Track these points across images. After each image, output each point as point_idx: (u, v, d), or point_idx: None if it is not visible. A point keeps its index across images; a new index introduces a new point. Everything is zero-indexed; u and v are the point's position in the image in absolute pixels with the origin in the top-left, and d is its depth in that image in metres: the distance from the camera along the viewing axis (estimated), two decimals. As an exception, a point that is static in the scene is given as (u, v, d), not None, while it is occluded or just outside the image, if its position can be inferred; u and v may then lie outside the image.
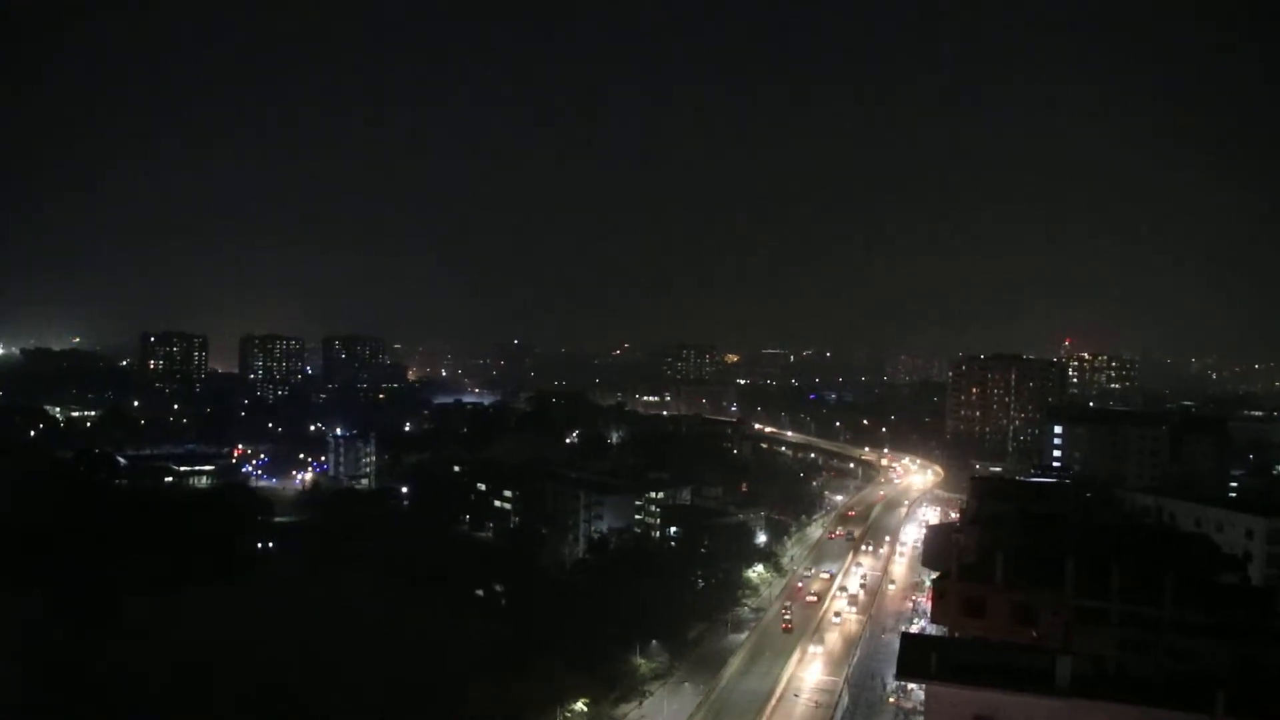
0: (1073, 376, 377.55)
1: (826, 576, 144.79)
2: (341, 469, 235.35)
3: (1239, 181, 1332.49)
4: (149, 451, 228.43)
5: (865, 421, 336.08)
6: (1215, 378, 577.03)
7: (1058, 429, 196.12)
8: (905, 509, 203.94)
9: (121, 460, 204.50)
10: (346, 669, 77.58)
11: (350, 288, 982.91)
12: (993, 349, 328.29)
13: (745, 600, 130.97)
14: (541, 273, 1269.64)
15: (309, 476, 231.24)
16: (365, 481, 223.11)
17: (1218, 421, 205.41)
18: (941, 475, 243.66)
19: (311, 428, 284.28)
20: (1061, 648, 46.37)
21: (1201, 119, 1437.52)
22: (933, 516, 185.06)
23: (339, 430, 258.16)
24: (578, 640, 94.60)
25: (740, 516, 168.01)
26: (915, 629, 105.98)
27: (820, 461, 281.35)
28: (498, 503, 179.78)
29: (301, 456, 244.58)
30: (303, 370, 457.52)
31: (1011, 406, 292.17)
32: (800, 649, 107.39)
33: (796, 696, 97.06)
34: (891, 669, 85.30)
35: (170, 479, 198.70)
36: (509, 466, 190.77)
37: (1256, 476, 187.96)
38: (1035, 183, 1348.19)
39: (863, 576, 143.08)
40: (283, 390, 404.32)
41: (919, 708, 77.12)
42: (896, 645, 59.89)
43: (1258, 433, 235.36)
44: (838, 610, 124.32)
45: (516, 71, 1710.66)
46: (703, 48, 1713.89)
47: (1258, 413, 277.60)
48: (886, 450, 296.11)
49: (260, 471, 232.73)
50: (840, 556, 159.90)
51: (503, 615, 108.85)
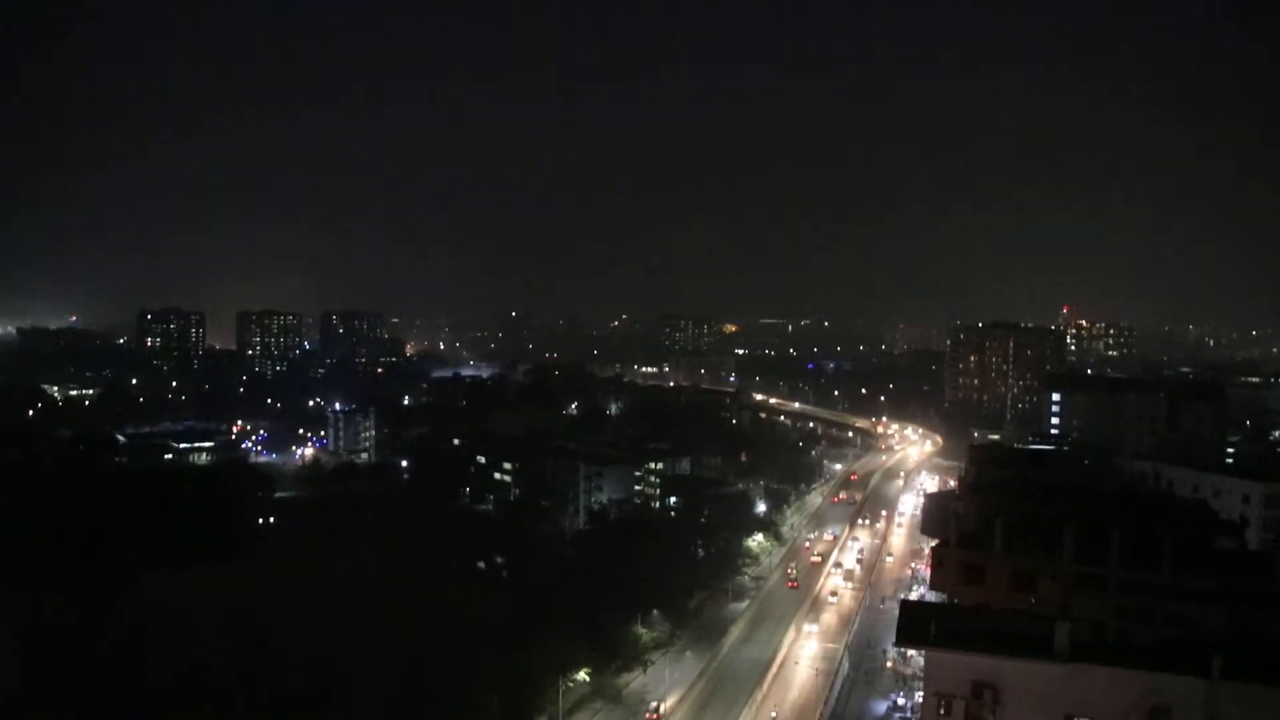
0: (1071, 344, 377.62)
1: (830, 538, 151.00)
2: (341, 444, 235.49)
3: (1236, 149, 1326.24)
4: (148, 429, 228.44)
5: (864, 390, 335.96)
6: (1213, 344, 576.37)
7: (1056, 396, 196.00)
8: (904, 478, 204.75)
9: (120, 438, 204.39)
10: (349, 643, 77.92)
11: (347, 263, 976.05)
12: (991, 317, 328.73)
13: (745, 569, 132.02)
14: (539, 245, 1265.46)
15: (309, 452, 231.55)
16: (365, 456, 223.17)
17: (1215, 388, 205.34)
18: (940, 443, 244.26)
19: (310, 403, 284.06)
20: (1060, 614, 46.57)
21: (1198, 88, 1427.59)
22: (931, 485, 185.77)
23: (338, 405, 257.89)
24: (579, 611, 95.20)
25: (740, 486, 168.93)
26: (914, 596, 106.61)
27: (819, 431, 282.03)
28: (497, 475, 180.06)
29: (301, 432, 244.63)
30: (301, 345, 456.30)
31: (1010, 374, 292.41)
32: (797, 624, 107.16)
33: (797, 664, 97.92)
34: (890, 638, 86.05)
35: (170, 456, 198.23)
36: (508, 439, 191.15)
37: (1254, 442, 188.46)
38: (1034, 152, 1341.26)
39: (860, 551, 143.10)
40: (281, 366, 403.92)
41: (919, 674, 77.68)
42: (895, 614, 60.15)
43: (1255, 399, 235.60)
44: (834, 589, 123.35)
45: (513, 45, 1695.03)
46: (701, 19, 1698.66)
47: (1255, 379, 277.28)
48: (885, 419, 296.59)
49: (260, 447, 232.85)
50: (841, 521, 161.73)
51: (504, 587, 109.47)
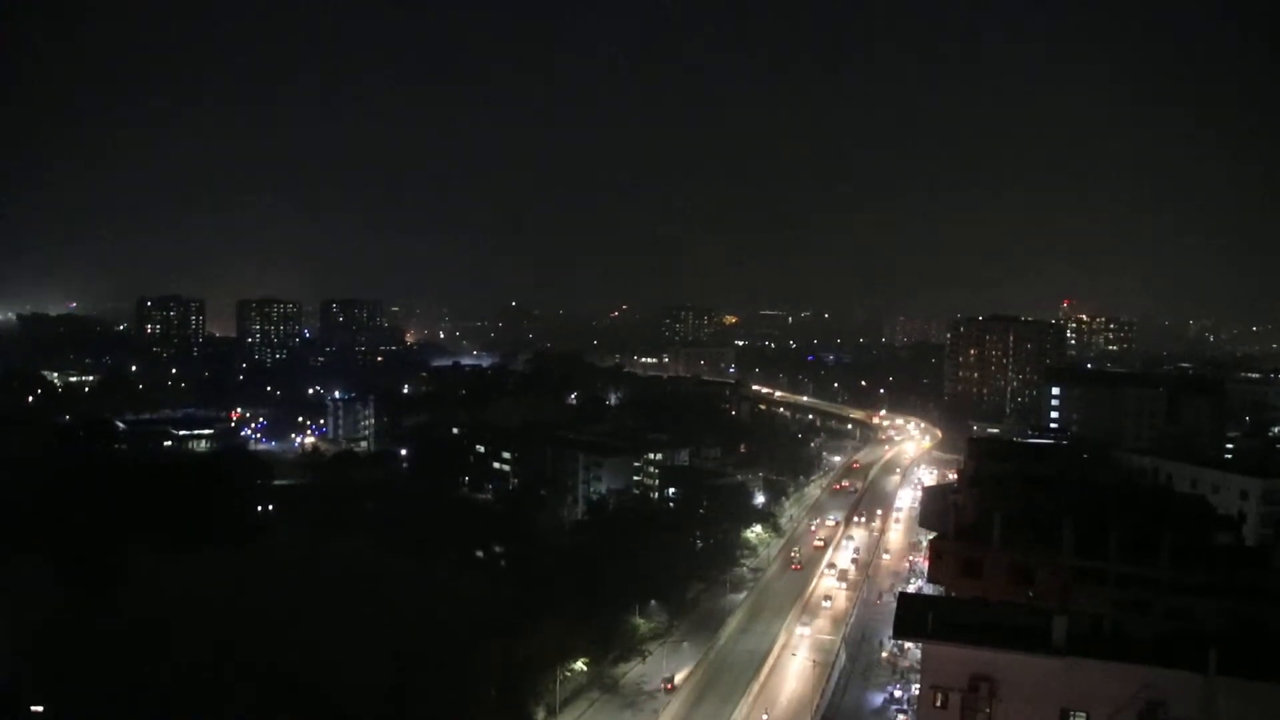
0: (1071, 338, 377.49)
1: (833, 523, 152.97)
2: (340, 432, 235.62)
3: (1238, 144, 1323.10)
4: (148, 416, 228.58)
5: (863, 383, 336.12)
6: (1213, 340, 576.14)
7: (1055, 390, 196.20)
8: (902, 471, 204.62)
9: (120, 425, 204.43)
10: (348, 631, 77.99)
11: (347, 251, 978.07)
12: (991, 310, 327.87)
13: (744, 561, 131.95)
14: (539, 235, 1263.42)
15: (308, 440, 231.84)
16: (364, 444, 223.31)
17: (1215, 383, 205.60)
18: (939, 436, 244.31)
19: (310, 391, 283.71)
20: (1058, 607, 46.63)
21: (1199, 82, 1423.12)
22: (930, 479, 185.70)
23: (337, 393, 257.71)
24: (577, 601, 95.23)
25: (739, 477, 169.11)
26: (912, 589, 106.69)
27: (818, 423, 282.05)
28: (497, 464, 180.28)
29: (300, 419, 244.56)
30: (300, 333, 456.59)
31: (1009, 368, 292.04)
32: (790, 626, 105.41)
33: (795, 656, 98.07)
34: (887, 632, 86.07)
35: (169, 444, 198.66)
36: (508, 429, 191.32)
37: (1253, 438, 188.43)
38: (1035, 146, 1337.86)
39: (855, 551, 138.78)
40: (280, 353, 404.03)
41: (916, 666, 77.84)
42: (891, 610, 60.15)
43: (1255, 394, 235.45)
44: (827, 593, 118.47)
45: (513, 34, 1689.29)
46: (698, 6, 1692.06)
47: (1255, 374, 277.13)
48: (884, 411, 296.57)
49: (259, 435, 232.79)
50: (841, 510, 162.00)
51: (502, 577, 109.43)
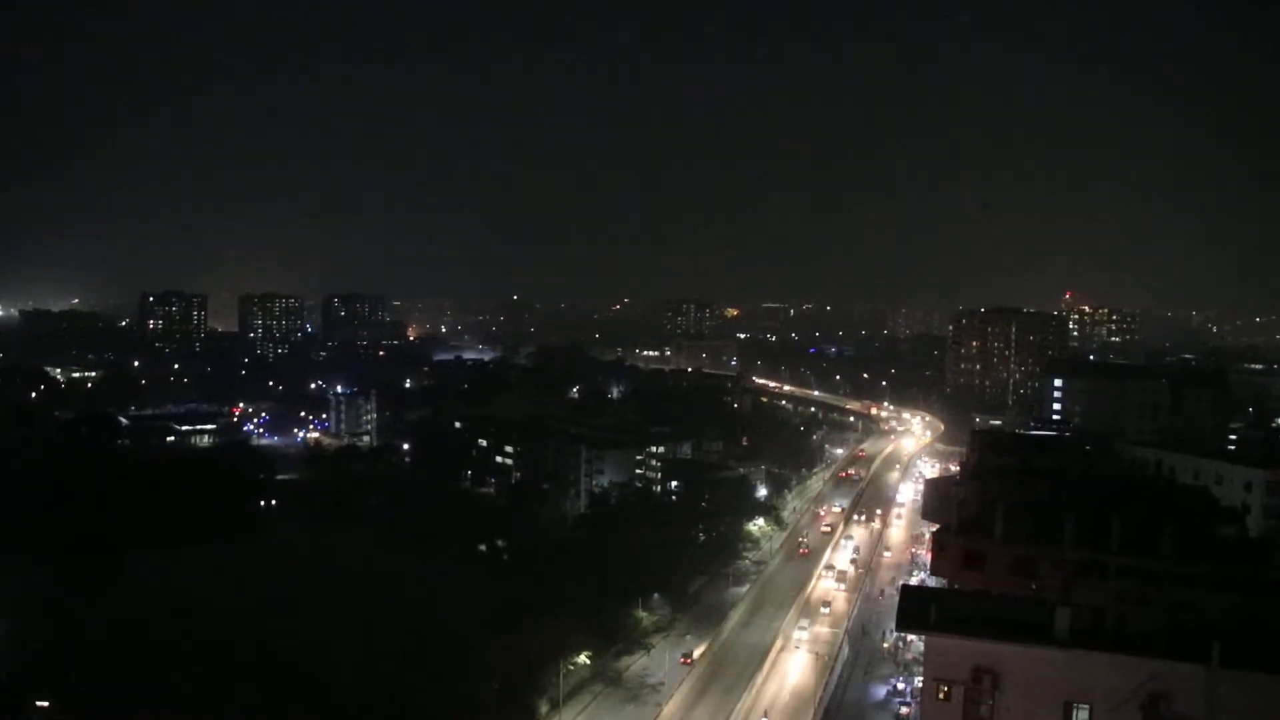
0: (1073, 330, 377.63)
1: (839, 510, 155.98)
2: (343, 426, 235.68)
3: (1240, 135, 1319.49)
4: (150, 411, 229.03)
5: (865, 375, 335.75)
6: (1216, 331, 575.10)
7: (1058, 382, 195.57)
8: (902, 466, 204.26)
9: (123, 420, 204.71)
10: (350, 625, 78.10)
11: (349, 246, 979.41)
12: (993, 303, 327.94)
13: (746, 553, 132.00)
14: (541, 229, 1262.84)
15: (311, 434, 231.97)
16: (366, 439, 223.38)
17: (1218, 374, 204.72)
18: (941, 428, 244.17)
19: (312, 386, 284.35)
20: (1060, 599, 46.54)
21: (1203, 77, 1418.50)
22: (931, 472, 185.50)
23: (340, 388, 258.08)
24: (580, 594, 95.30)
25: (741, 470, 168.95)
26: (915, 581, 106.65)
27: (820, 415, 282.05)
28: (499, 458, 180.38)
29: (303, 414, 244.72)
30: (302, 328, 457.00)
31: (1012, 360, 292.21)
32: (788, 629, 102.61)
33: (797, 648, 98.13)
34: (889, 625, 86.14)
35: (172, 438, 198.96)
36: (510, 422, 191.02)
37: (1256, 429, 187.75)
38: (1038, 137, 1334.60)
39: (855, 550, 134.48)
40: (283, 348, 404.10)
41: (918, 659, 77.85)
42: (894, 604, 60.14)
43: (1258, 386, 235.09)
44: (825, 597, 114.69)
45: (515, 27, 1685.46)
46: (698, 6, 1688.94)
47: (1258, 366, 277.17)
48: (886, 404, 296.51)
49: (262, 430, 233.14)
50: (844, 499, 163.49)
51: (505, 571, 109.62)
